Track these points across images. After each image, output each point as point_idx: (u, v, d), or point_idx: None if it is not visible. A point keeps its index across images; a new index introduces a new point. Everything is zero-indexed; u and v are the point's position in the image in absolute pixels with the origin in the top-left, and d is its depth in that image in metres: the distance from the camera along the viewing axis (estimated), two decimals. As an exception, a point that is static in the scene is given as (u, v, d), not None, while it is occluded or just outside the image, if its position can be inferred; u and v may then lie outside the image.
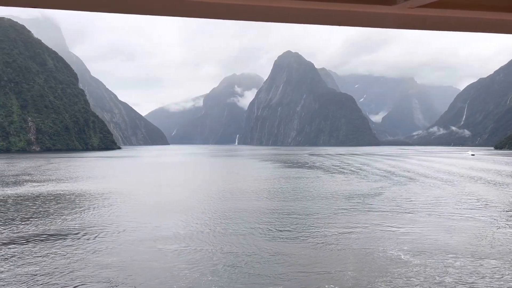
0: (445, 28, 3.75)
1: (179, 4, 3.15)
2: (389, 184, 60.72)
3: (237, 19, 3.37)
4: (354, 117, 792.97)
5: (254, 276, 19.81)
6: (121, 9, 3.16)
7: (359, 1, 3.31)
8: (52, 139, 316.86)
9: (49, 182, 63.83)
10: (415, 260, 22.13)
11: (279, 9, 3.27)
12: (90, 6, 3.10)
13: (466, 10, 3.45)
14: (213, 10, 3.24)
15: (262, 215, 35.44)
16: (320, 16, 3.41)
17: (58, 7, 3.09)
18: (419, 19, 3.58)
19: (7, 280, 19.08)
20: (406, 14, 3.50)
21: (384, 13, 3.46)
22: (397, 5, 3.37)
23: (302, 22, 3.49)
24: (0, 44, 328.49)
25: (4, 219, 33.90)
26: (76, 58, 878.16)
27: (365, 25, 3.63)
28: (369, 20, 3.56)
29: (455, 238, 27.20)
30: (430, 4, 3.36)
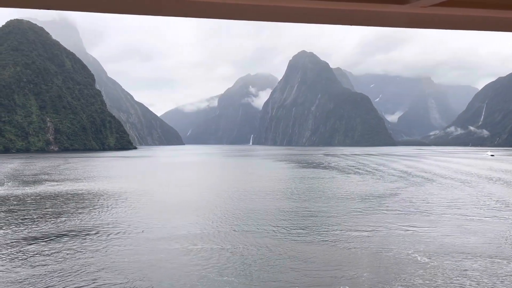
0: (458, 27, 3.72)
1: (187, 4, 3.14)
2: (405, 184, 60.01)
3: (251, 19, 3.37)
4: (369, 117, 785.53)
5: (269, 276, 19.80)
6: (127, 10, 3.17)
7: (372, 1, 3.30)
8: (70, 139, 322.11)
9: (67, 182, 64.89)
10: (432, 261, 21.83)
11: (292, 9, 3.27)
12: (98, 7, 3.11)
13: (478, 9, 3.42)
14: (227, 11, 3.22)
15: (277, 215, 35.40)
16: (332, 16, 3.41)
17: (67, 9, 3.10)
18: (431, 18, 3.56)
19: (27, 277, 19.47)
20: (419, 13, 3.48)
21: (397, 12, 3.45)
22: (410, 4, 3.35)
23: (314, 22, 3.49)
24: (20, 46, 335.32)
25: (24, 217, 34.60)
26: (93, 59, 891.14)
27: (378, 25, 3.61)
28: (382, 19, 3.55)
29: (473, 239, 26.73)
30: (442, 3, 3.34)
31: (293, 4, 3.24)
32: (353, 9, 3.33)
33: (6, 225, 31.48)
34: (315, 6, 3.25)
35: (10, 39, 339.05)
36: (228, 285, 18.58)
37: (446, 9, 3.42)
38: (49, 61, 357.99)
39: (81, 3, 3.08)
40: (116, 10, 3.18)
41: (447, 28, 3.76)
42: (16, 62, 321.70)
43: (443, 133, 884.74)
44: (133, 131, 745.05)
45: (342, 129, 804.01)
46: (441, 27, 3.73)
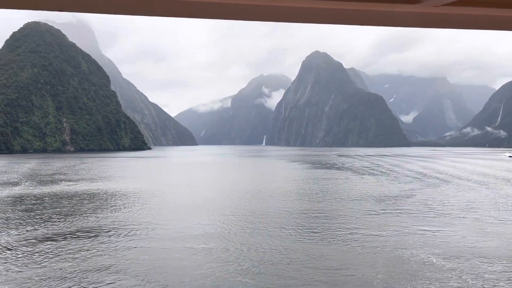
0: (470, 26, 3.69)
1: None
2: (421, 186, 59.33)
3: (262, 20, 3.37)
4: (383, 117, 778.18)
5: (282, 277, 19.80)
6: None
7: (383, 0, 3.29)
8: (86, 140, 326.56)
9: (83, 182, 65.84)
10: (448, 264, 21.56)
11: (303, 9, 3.27)
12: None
13: (491, 8, 3.40)
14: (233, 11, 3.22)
15: (291, 216, 35.36)
16: (343, 16, 3.40)
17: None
18: (443, 17, 3.53)
19: (45, 275, 19.82)
20: (430, 12, 3.46)
21: (408, 12, 3.43)
22: (421, 3, 3.33)
23: (326, 22, 3.48)
24: (37, 48, 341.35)
25: (41, 216, 35.22)
26: (108, 60, 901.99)
27: (389, 25, 3.59)
28: (393, 19, 3.52)
29: (491, 242, 26.31)
30: (454, 3, 3.31)
31: (304, 5, 3.24)
32: (364, 9, 3.32)
33: (24, 224, 32.10)
34: (326, 6, 3.25)
35: (28, 41, 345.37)
36: (242, 285, 18.64)
37: (458, 8, 3.40)
38: (66, 63, 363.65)
39: (84, 4, 3.11)
40: (117, 11, 3.21)
41: (459, 27, 3.73)
42: (33, 63, 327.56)
43: (459, 133, 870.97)
44: (147, 131, 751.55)
45: (356, 129, 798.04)
46: (453, 26, 3.70)
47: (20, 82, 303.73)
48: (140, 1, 3.16)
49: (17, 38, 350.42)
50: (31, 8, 3.08)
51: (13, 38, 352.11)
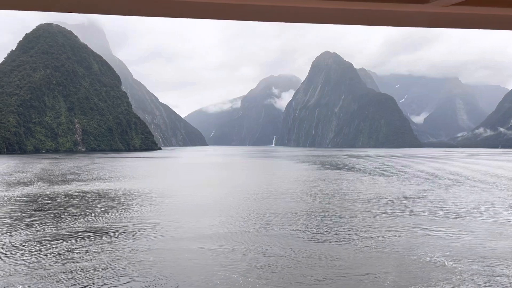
0: (480, 26, 3.66)
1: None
2: (432, 187, 58.76)
3: (272, 21, 3.37)
4: (394, 118, 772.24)
5: (292, 278, 19.75)
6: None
7: (392, 0, 3.28)
8: (97, 140, 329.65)
9: (94, 181, 66.45)
10: (460, 266, 21.31)
11: (313, 10, 3.26)
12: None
13: (501, 7, 3.36)
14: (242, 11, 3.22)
15: (301, 217, 35.27)
16: (352, 16, 3.40)
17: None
18: (453, 17, 3.51)
19: (56, 274, 20.04)
20: (440, 12, 3.44)
21: (417, 12, 3.41)
22: (430, 3, 3.32)
23: (335, 22, 3.48)
24: (50, 49, 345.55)
25: (53, 216, 35.63)
26: (119, 61, 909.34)
27: (398, 25, 3.57)
28: (402, 19, 3.51)
29: (504, 244, 25.95)
30: (463, 2, 3.30)
31: (314, 5, 3.22)
32: (373, 9, 3.31)
33: (37, 223, 32.50)
34: (335, 6, 3.24)
35: (41, 42, 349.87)
36: (251, 286, 18.63)
37: (468, 8, 3.38)
38: (78, 64, 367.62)
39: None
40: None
41: (469, 27, 3.69)
42: (46, 65, 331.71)
43: (471, 134, 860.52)
44: (157, 132, 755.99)
45: (366, 130, 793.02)
46: (462, 26, 3.66)
47: (33, 83, 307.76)
48: (143, 2, 3.15)
49: (30, 39, 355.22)
50: (32, 9, 3.09)
51: (26, 39, 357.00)
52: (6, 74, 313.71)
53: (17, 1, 3.01)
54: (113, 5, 3.14)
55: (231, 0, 3.14)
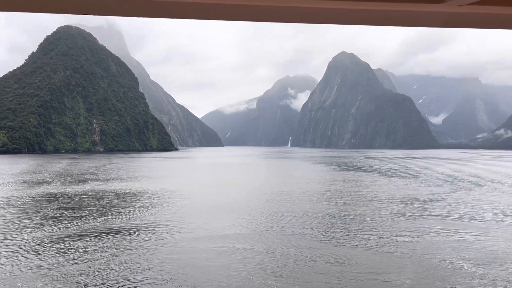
0: (497, 26, 3.61)
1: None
2: (452, 189, 57.77)
3: (286, 21, 3.35)
4: (412, 119, 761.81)
5: (308, 280, 19.66)
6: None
7: (407, 0, 3.25)
8: (115, 140, 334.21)
9: (112, 181, 67.37)
10: (480, 270, 20.89)
11: (327, 10, 3.25)
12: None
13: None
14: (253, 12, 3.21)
15: (317, 218, 35.10)
16: (366, 16, 3.37)
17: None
18: (469, 17, 3.45)
19: (77, 272, 20.38)
20: (456, 12, 3.39)
21: (433, 11, 3.36)
22: (446, 3, 3.28)
23: (349, 23, 3.45)
24: (69, 51, 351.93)
25: (73, 215, 36.26)
26: (136, 63, 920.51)
27: (413, 25, 3.53)
28: (417, 19, 3.46)
29: (526, 248, 25.32)
30: (480, 1, 3.26)
31: (328, 6, 3.21)
32: (388, 9, 3.28)
33: (57, 221, 33.12)
34: (349, 7, 3.22)
35: (61, 44, 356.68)
36: (267, 287, 18.62)
37: (484, 7, 3.33)
38: (96, 65, 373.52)
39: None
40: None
41: (485, 27, 3.64)
42: (66, 66, 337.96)
43: (491, 135, 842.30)
44: (174, 132, 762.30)
45: (384, 131, 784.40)
46: (479, 26, 3.61)
47: (53, 84, 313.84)
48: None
49: (50, 41, 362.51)
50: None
51: (46, 41, 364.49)
52: (28, 75, 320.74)
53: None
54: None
55: (245, 1, 3.12)
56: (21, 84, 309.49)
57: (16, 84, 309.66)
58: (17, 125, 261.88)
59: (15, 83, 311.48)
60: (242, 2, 3.14)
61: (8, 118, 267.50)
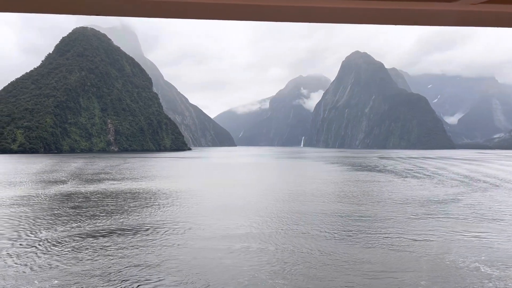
0: (511, 24, 3.57)
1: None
2: (468, 190, 56.91)
3: (300, 21, 3.34)
4: (426, 118, 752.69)
5: (322, 280, 19.57)
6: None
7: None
8: (129, 140, 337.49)
9: (127, 181, 68.05)
10: (496, 272, 20.52)
11: (339, 10, 3.24)
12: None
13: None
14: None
15: (330, 219, 34.92)
16: (378, 16, 3.35)
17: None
18: (482, 15, 3.41)
19: (91, 271, 20.63)
20: (468, 10, 3.36)
21: (445, 10, 3.33)
22: (458, 1, 3.25)
23: (361, 22, 3.44)
24: (85, 52, 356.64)
25: (88, 213, 36.73)
26: (150, 63, 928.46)
27: (425, 24, 3.51)
28: (430, 18, 3.43)
29: (545, 251, 24.80)
30: (493, 0, 3.23)
31: (340, 5, 3.20)
32: (400, 8, 3.25)
33: (72, 220, 33.59)
34: (361, 6, 3.21)
35: (76, 45, 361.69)
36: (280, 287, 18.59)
37: (497, 6, 3.29)
38: (111, 66, 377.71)
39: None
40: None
41: (499, 26, 3.60)
42: (81, 67, 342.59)
43: (508, 136, 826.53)
44: (187, 132, 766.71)
45: (398, 131, 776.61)
46: (492, 25, 3.57)
47: (69, 85, 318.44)
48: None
49: (66, 42, 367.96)
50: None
51: (62, 42, 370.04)
52: (44, 76, 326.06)
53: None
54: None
55: (258, 2, 3.11)
56: (38, 85, 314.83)
57: (33, 85, 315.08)
58: (34, 125, 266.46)
59: (32, 83, 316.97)
60: (255, 2, 3.12)
61: (25, 118, 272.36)
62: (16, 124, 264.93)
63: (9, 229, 30.05)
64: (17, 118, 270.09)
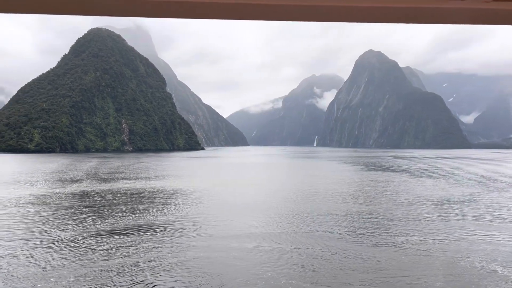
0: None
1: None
2: (485, 190, 55.99)
3: (312, 20, 3.33)
4: (442, 117, 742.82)
5: (335, 281, 19.46)
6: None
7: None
8: (143, 140, 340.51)
9: (141, 180, 68.67)
10: (516, 274, 20.13)
11: (351, 8, 3.23)
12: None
13: None
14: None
15: (344, 219, 34.71)
16: (391, 14, 3.32)
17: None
18: (495, 13, 3.37)
19: (107, 269, 20.88)
20: (482, 8, 3.32)
21: (458, 8, 3.30)
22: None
23: (373, 21, 3.42)
24: (99, 52, 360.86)
25: (103, 212, 37.18)
26: (164, 63, 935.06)
27: (438, 22, 3.48)
28: (442, 16, 3.39)
29: None
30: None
31: (351, 4, 3.18)
32: (411, 6, 3.23)
33: (88, 218, 34.04)
34: (375, 4, 3.19)
35: (91, 46, 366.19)
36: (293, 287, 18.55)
37: (511, 3, 3.26)
38: (125, 66, 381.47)
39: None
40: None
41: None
42: (96, 67, 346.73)
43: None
44: (200, 132, 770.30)
45: (412, 130, 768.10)
46: (506, 22, 3.52)
47: (84, 85, 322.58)
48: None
49: (81, 43, 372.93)
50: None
51: (78, 43, 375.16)
52: (60, 77, 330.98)
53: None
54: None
55: (269, 1, 3.10)
56: (54, 85, 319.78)
57: (50, 85, 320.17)
58: (50, 125, 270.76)
59: (49, 84, 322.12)
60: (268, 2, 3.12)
61: (42, 118, 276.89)
62: (33, 124, 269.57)
63: (26, 227, 30.60)
64: (34, 118, 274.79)
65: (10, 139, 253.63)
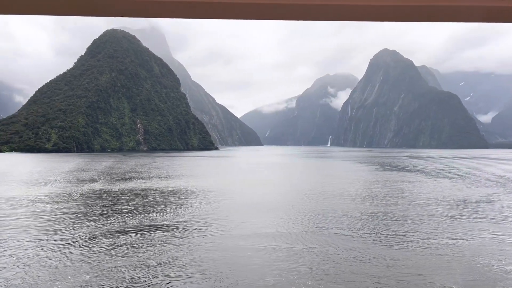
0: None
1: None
2: (504, 190, 54.92)
3: (325, 19, 3.32)
4: (458, 117, 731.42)
5: (351, 281, 19.31)
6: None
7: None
8: (157, 140, 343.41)
9: (155, 179, 69.24)
10: (536, 277, 19.69)
11: (365, 7, 3.22)
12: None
13: None
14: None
15: (359, 219, 34.44)
16: (405, 13, 3.29)
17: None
18: (509, 11, 3.31)
19: (122, 267, 21.08)
20: (497, 6, 3.26)
21: (473, 6, 3.25)
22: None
23: (386, 19, 3.38)
24: (115, 53, 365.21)
25: (119, 211, 37.59)
26: (178, 64, 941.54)
27: (452, 20, 3.41)
28: (456, 14, 3.33)
29: None
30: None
31: (364, 3, 3.16)
32: (426, 4, 3.19)
33: (104, 217, 34.45)
34: (389, 3, 3.18)
35: (107, 47, 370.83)
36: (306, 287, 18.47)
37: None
38: (140, 67, 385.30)
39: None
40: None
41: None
42: (111, 68, 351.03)
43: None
44: (214, 132, 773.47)
45: (428, 130, 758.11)
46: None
47: (100, 86, 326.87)
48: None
49: (97, 44, 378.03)
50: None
51: (94, 44, 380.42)
52: (76, 77, 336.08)
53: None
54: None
55: (283, 1, 3.09)
56: (71, 86, 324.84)
57: (66, 86, 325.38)
58: (67, 125, 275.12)
59: (65, 85, 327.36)
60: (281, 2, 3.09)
61: (59, 118, 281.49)
62: (50, 124, 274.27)
63: (44, 226, 31.11)
64: (51, 119, 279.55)
65: (28, 139, 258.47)
